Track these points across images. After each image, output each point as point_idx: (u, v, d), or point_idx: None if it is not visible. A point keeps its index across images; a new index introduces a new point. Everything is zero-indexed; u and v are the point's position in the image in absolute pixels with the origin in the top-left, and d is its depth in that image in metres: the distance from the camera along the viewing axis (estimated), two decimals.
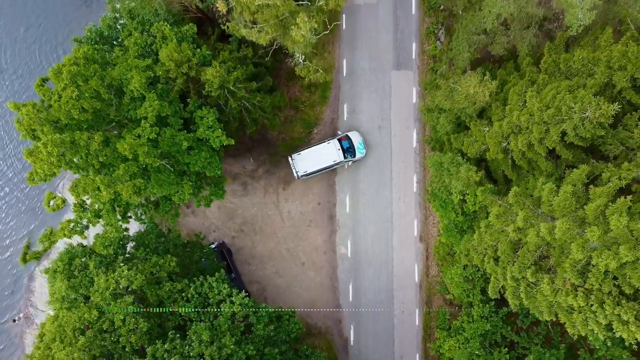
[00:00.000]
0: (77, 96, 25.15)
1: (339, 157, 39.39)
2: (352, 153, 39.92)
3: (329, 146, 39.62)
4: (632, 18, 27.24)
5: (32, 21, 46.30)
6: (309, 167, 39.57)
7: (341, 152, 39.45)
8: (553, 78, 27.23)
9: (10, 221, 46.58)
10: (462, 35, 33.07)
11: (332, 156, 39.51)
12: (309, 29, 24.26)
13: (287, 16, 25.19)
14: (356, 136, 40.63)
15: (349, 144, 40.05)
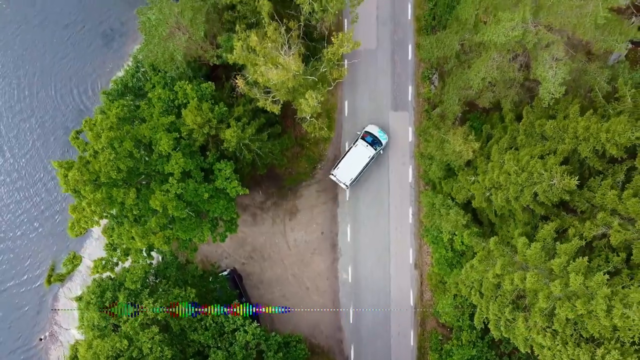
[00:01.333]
0: (114, 158, 29.19)
1: (370, 152, 42.96)
2: (379, 142, 43.58)
3: (358, 148, 43.17)
4: (600, 87, 31.29)
5: (50, 61, 49.91)
6: (352, 173, 43.08)
7: (370, 147, 43.11)
8: (530, 138, 31.27)
9: (35, 245, 50.37)
10: (452, 90, 37.12)
11: (365, 154, 43.02)
12: (315, 102, 28.27)
13: (297, 86, 29.20)
14: (374, 128, 44.30)
15: (372, 137, 43.68)
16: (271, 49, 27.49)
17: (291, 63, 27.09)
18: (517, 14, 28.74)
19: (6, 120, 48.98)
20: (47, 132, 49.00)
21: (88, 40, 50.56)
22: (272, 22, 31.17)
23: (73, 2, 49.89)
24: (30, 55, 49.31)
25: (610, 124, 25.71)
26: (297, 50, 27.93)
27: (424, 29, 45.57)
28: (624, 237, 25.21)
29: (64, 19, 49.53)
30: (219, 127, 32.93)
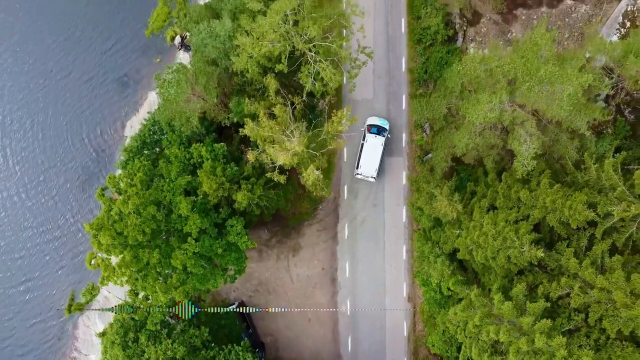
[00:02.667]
0: (140, 222, 33.45)
1: (381, 140, 46.50)
2: (383, 129, 47.30)
3: (369, 141, 46.51)
4: (570, 155, 35.54)
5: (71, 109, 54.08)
6: (374, 165, 46.69)
7: (378, 136, 46.92)
8: (508, 201, 35.50)
9: (60, 282, 54.59)
10: (440, 148, 41.37)
11: (378, 143, 46.56)
12: (316, 176, 32.53)
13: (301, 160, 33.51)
14: (374, 119, 48.22)
15: (376, 127, 47.52)
16: (278, 132, 31.69)
17: (296, 146, 31.31)
18: (494, 96, 32.92)
19: (33, 166, 53.11)
20: (70, 175, 53.11)
21: (105, 87, 54.77)
22: (278, 99, 35.43)
23: (91, 53, 53.96)
24: (54, 105, 53.43)
25: (572, 201, 29.95)
26: (301, 134, 32.05)
27: (416, 81, 49.79)
28: (583, 300, 29.45)
29: (84, 70, 53.61)
30: (231, 188, 37.13)
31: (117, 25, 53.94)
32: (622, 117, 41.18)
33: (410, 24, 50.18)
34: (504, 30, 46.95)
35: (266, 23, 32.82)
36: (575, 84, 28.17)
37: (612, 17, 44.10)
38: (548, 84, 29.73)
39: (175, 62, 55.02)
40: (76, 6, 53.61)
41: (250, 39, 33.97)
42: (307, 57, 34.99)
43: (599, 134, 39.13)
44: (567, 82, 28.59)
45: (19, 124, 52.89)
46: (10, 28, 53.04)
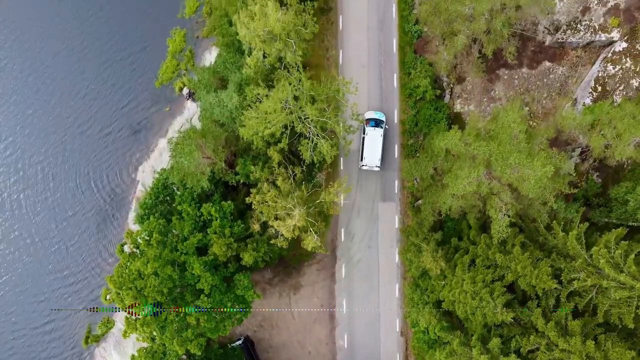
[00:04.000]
0: (159, 283, 37.95)
1: (380, 131, 50.45)
2: (381, 121, 51.22)
3: (370, 134, 50.33)
4: (542, 219, 39.98)
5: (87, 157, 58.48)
6: (377, 155, 50.49)
7: (377, 128, 50.60)
8: (486, 260, 39.96)
9: (77, 314, 59.17)
10: (427, 204, 45.78)
11: (377, 135, 50.45)
12: (315, 241, 36.98)
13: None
14: (371, 113, 52.22)
15: (374, 120, 51.66)
16: (280, 205, 36.17)
17: (297, 222, 35.75)
18: (473, 171, 37.31)
19: (54, 214, 57.59)
20: (87, 217, 57.51)
21: (119, 135, 59.15)
22: (281, 169, 39.86)
23: (105, 105, 58.33)
24: (73, 154, 57.81)
25: (538, 270, 34.42)
26: (302, 210, 36.49)
27: (408, 132, 54.11)
28: (548, 357, 33.94)
29: (99, 121, 57.99)
30: (239, 246, 41.59)
31: (129, 78, 58.23)
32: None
33: (401, 79, 54.49)
34: (488, 89, 51.24)
35: (269, 107, 37.16)
36: (540, 173, 32.53)
37: (585, 80, 48.42)
38: (518, 169, 34.09)
39: (183, 111, 59.67)
40: (91, 62, 57.88)
41: (255, 119, 38.29)
42: (306, 132, 39.32)
43: (575, 187, 43.15)
44: (533, 171, 32.94)
45: (42, 174, 57.31)
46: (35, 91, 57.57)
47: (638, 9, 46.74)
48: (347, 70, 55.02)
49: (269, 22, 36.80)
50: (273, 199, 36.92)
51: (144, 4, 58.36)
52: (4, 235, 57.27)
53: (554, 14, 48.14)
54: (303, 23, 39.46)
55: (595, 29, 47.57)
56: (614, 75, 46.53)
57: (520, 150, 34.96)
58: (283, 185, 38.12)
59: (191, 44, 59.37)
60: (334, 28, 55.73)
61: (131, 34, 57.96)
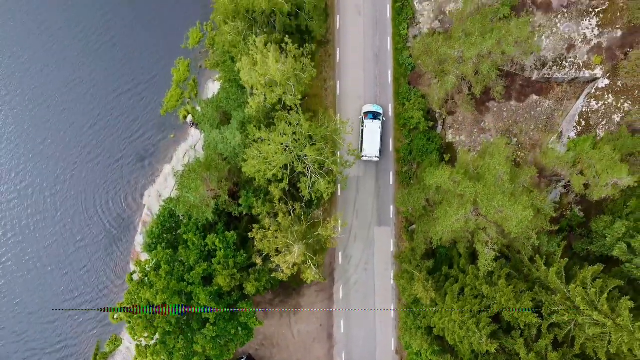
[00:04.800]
0: (167, 315, 40.71)
1: (378, 123, 53.07)
2: (378, 114, 53.99)
3: (368, 126, 52.89)
4: (526, 251, 42.70)
5: (98, 182, 61.25)
6: (376, 146, 52.98)
7: (375, 120, 53.27)
8: (473, 290, 42.68)
9: (88, 334, 61.91)
10: (420, 234, 48.49)
11: (376, 126, 53.06)
12: (314, 274, 39.73)
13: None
14: (368, 106, 54.72)
15: (372, 113, 54.40)
16: (281, 240, 38.94)
17: (297, 257, 38.50)
18: (461, 209, 40.03)
19: (65, 239, 60.36)
20: (98, 242, 60.29)
21: (126, 161, 61.89)
22: (281, 205, 42.57)
23: (113, 133, 61.02)
24: (84, 182, 60.58)
25: (520, 304, 37.15)
26: (301, 246, 39.26)
27: (402, 160, 56.77)
28: None
29: (107, 149, 60.71)
30: (242, 276, 44.35)
31: (135, 106, 60.99)
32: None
33: (396, 109, 57.18)
34: (478, 120, 53.91)
35: (270, 149, 39.86)
36: (521, 217, 35.24)
37: (570, 114, 51.10)
38: (502, 209, 36.80)
39: (187, 138, 62.39)
40: (100, 92, 60.62)
41: (257, 158, 41.00)
42: (305, 171, 42.03)
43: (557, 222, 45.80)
44: (515, 214, 35.67)
45: (52, 201, 60.13)
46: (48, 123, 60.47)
47: (619, 47, 49.38)
48: (344, 100, 57.75)
49: (270, 71, 39.49)
50: (274, 234, 39.64)
51: (150, 36, 60.98)
52: (17, 259, 60.04)
53: (541, 51, 50.73)
54: (302, 67, 42.08)
55: (579, 66, 50.22)
56: (597, 111, 49.19)
57: (504, 192, 37.65)
58: (283, 221, 40.83)
59: (195, 73, 62.08)
60: (331, 60, 58.38)
61: (138, 64, 60.65)
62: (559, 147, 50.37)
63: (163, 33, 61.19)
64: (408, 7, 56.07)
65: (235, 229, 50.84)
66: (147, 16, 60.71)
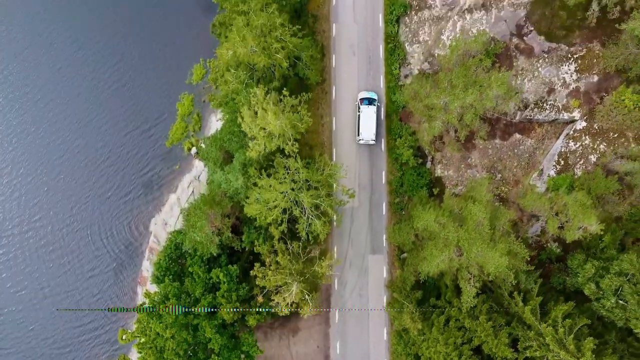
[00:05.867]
0: (175, 346, 44.53)
1: (374, 109, 56.67)
2: (373, 100, 57.36)
3: (364, 112, 56.46)
4: (506, 287, 46.51)
5: (106, 211, 65.07)
6: (372, 129, 56.52)
7: (371, 106, 56.78)
8: (457, 322, 46.51)
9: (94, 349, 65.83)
10: (409, 266, 52.31)
11: (371, 111, 56.60)
12: (311, 310, 43.61)
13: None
14: (364, 93, 58.08)
15: (367, 99, 58.20)
16: (280, 278, 42.79)
17: (295, 296, 42.35)
18: (445, 250, 43.86)
19: (79, 269, 64.24)
20: (109, 270, 64.12)
21: (133, 191, 65.60)
22: (280, 244, 46.41)
23: (122, 165, 64.78)
24: (96, 211, 64.37)
25: (498, 340, 40.98)
26: (298, 285, 43.11)
27: (394, 192, 60.57)
28: None
29: (116, 180, 64.53)
30: (244, 309, 48.20)
31: (143, 142, 64.70)
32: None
33: (389, 144, 60.97)
34: (465, 157, 57.68)
35: (270, 196, 43.67)
36: (498, 263, 39.08)
37: (550, 153, 54.88)
38: (481, 254, 40.63)
39: (192, 169, 66.19)
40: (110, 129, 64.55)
41: (258, 203, 44.81)
42: (302, 215, 45.85)
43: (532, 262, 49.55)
44: (493, 259, 39.49)
45: (67, 231, 64.00)
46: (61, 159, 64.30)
47: (595, 92, 53.13)
48: (340, 135, 61.52)
49: (269, 126, 43.26)
50: (274, 273, 43.50)
51: (156, 74, 64.72)
52: (33, 289, 63.83)
53: (522, 95, 54.46)
54: (299, 118, 45.83)
55: (559, 108, 53.99)
56: (575, 151, 52.97)
57: (484, 237, 41.46)
58: (282, 260, 44.68)
59: (198, 107, 65.86)
60: (327, 97, 62.11)
61: (145, 101, 64.48)
62: (540, 184, 54.23)
63: (168, 70, 64.91)
64: (399, 49, 59.75)
65: (238, 259, 54.73)
66: (153, 55, 64.41)
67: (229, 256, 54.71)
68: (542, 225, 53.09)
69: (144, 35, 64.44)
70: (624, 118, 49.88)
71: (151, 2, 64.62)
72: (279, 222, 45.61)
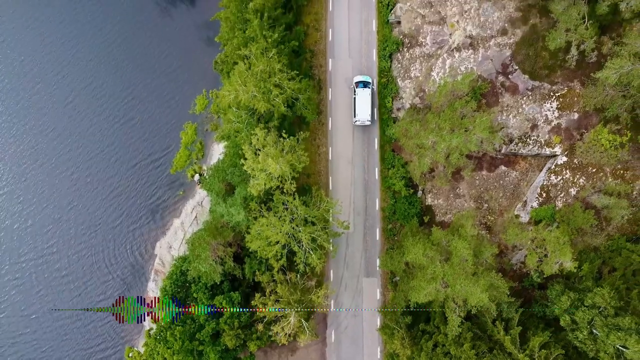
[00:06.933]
0: None
1: (368, 91, 60.51)
2: (368, 83, 61.15)
3: (360, 94, 60.40)
4: (489, 315, 50.15)
5: (113, 235, 68.71)
6: (367, 111, 60.39)
7: (365, 88, 60.59)
8: (444, 347, 50.21)
9: None
10: (400, 292, 55.96)
11: (366, 94, 60.50)
12: (308, 337, 47.27)
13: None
14: (358, 77, 61.82)
15: (362, 82, 62.10)
16: (280, 306, 46.45)
17: (292, 327, 46.03)
18: (431, 282, 47.48)
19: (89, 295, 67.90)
20: (113, 286, 67.76)
21: (139, 215, 69.22)
22: (280, 275, 50.04)
23: (128, 193, 68.35)
24: (103, 239, 68.00)
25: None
26: (296, 316, 46.75)
27: (387, 218, 64.16)
28: None
29: (123, 205, 68.10)
30: (245, 335, 51.84)
31: (150, 170, 68.22)
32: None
33: (382, 172, 64.58)
34: (454, 187, 61.28)
35: (271, 234, 47.29)
36: (479, 298, 42.73)
37: (533, 185, 58.50)
38: (464, 289, 44.27)
39: (195, 195, 69.77)
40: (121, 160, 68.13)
41: (258, 240, 48.42)
42: (299, 249, 49.49)
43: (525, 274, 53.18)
44: (475, 294, 43.14)
45: (75, 261, 67.69)
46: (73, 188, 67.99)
47: (576, 129, 56.71)
48: (336, 164, 65.08)
49: (269, 168, 46.87)
50: (273, 303, 47.15)
51: (162, 104, 68.27)
52: (48, 315, 67.47)
53: (508, 128, 58.03)
54: (297, 158, 49.41)
55: (541, 143, 57.55)
56: (556, 184, 56.58)
57: (467, 273, 45.10)
58: (281, 291, 48.33)
59: (201, 136, 69.45)
60: (324, 128, 65.67)
61: (151, 132, 68.02)
62: (523, 215, 57.89)
63: (173, 102, 68.53)
64: (392, 83, 63.28)
65: (239, 285, 58.40)
66: (159, 89, 68.09)
67: (231, 281, 58.30)
68: (525, 253, 56.67)
69: (151, 69, 68.01)
70: (601, 156, 53.43)
71: (157, 38, 68.00)
72: (279, 257, 49.21)
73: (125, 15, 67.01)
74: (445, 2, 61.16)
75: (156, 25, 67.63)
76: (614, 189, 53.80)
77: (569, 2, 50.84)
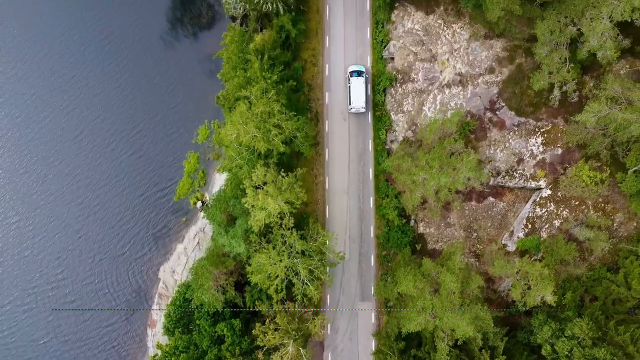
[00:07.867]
0: None
1: (362, 79, 63.80)
2: (362, 72, 64.32)
3: (354, 82, 63.53)
4: (476, 343, 53.33)
5: (119, 260, 71.85)
6: (362, 98, 63.55)
7: (360, 77, 63.73)
8: None
9: None
10: (393, 319, 59.14)
11: (360, 82, 63.63)
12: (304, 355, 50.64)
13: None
14: (353, 67, 64.82)
15: (356, 72, 65.31)
16: (279, 337, 49.64)
17: (291, 357, 49.25)
18: (421, 314, 50.70)
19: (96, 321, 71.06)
20: (121, 320, 70.97)
21: (144, 241, 72.44)
22: (279, 305, 53.23)
23: (133, 221, 71.63)
24: (110, 260, 71.25)
25: None
26: (295, 345, 49.92)
27: (381, 245, 67.36)
28: None
29: (128, 232, 71.34)
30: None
31: (155, 200, 71.55)
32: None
33: (377, 201, 67.81)
34: (445, 216, 64.55)
35: (271, 268, 50.54)
36: (464, 331, 45.96)
37: (520, 216, 61.79)
38: (451, 321, 47.50)
39: (197, 221, 72.98)
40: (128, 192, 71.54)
41: (259, 274, 51.66)
42: (297, 280, 52.73)
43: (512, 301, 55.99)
44: (461, 325, 46.36)
45: (85, 284, 70.94)
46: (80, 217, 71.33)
47: (559, 163, 60.04)
48: (332, 193, 68.30)
49: (269, 206, 50.19)
50: (272, 333, 50.32)
51: (166, 136, 71.59)
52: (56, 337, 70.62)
53: (496, 162, 61.35)
54: (295, 195, 52.67)
55: (527, 177, 60.86)
56: (541, 216, 59.87)
57: (454, 305, 48.33)
58: (280, 321, 51.52)
59: (203, 165, 72.72)
60: (321, 159, 68.94)
61: (156, 163, 71.35)
62: (510, 244, 61.18)
63: (178, 133, 71.83)
64: (386, 117, 66.64)
65: (240, 312, 61.52)
66: (164, 122, 71.38)
67: (232, 307, 61.41)
68: (511, 282, 59.92)
69: (157, 103, 71.27)
70: (582, 190, 56.74)
71: (162, 73, 71.36)
72: (279, 290, 52.42)
73: (132, 51, 70.39)
74: (436, 41, 64.58)
75: (161, 60, 70.99)
76: (595, 222, 57.07)
77: (551, 47, 54.17)
